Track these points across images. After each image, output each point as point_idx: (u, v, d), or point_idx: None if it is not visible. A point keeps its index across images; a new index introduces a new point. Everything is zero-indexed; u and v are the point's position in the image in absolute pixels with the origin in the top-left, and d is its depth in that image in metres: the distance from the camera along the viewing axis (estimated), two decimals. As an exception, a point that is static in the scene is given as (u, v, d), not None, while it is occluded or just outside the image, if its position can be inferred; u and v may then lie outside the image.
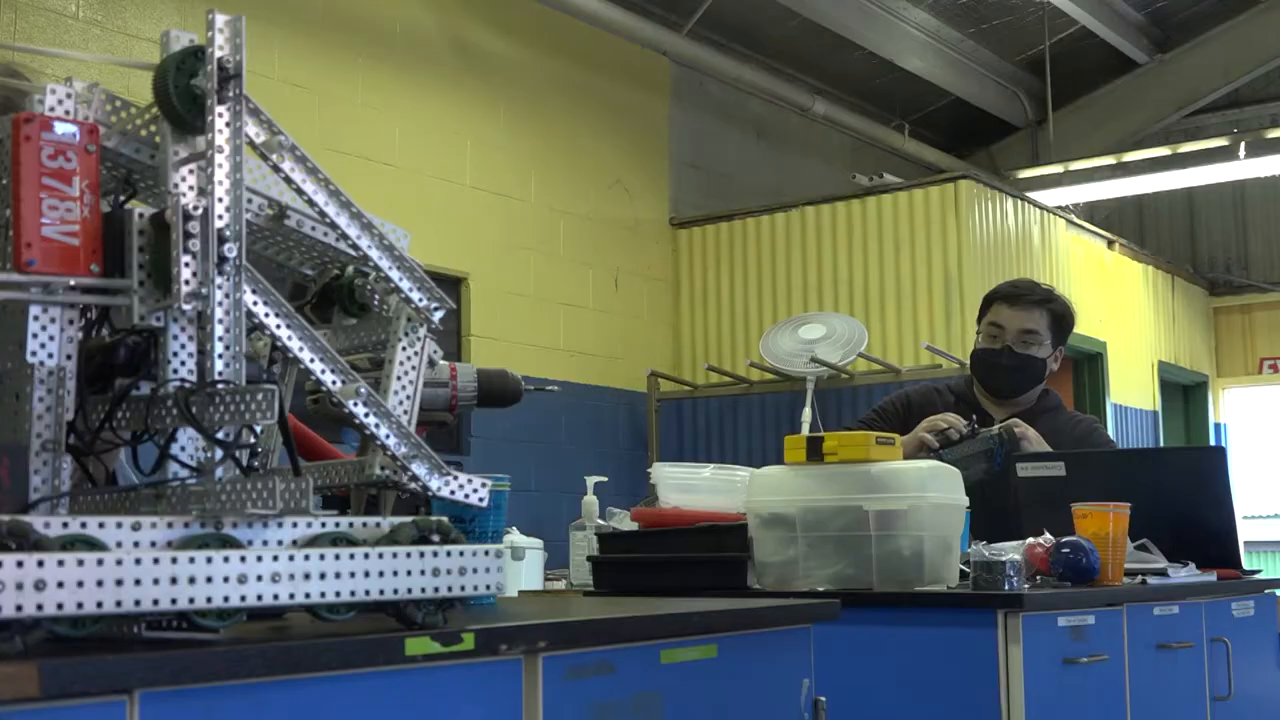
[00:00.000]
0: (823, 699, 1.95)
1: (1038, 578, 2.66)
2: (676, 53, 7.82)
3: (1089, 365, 8.56)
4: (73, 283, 1.25)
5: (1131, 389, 8.90)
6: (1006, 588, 2.42)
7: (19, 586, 1.06)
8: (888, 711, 2.44)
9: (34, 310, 1.25)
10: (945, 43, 9.22)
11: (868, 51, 8.77)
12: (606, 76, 7.58)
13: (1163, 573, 2.89)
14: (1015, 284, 3.71)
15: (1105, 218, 10.29)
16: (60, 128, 1.26)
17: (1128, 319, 8.98)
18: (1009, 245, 7.52)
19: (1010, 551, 2.50)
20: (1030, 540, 2.67)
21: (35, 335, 1.26)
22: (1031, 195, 8.16)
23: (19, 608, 1.06)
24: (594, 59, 7.50)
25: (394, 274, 1.51)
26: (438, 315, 1.56)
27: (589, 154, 7.45)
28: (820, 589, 2.49)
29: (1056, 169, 9.18)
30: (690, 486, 2.89)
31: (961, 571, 2.56)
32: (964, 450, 3.26)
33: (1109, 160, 9.31)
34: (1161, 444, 9.01)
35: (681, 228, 7.95)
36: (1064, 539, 2.66)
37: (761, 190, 8.30)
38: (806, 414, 6.69)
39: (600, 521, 3.31)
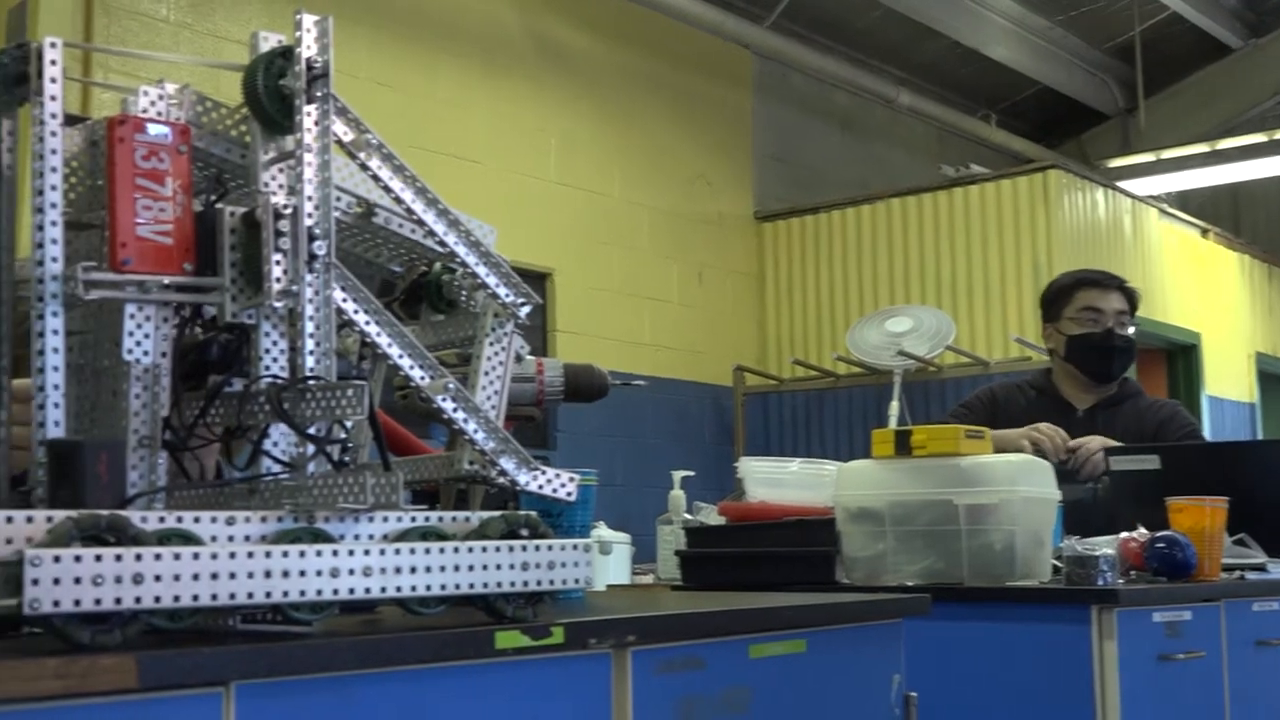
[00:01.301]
0: (914, 695, 1.94)
1: (1132, 573, 2.62)
2: (760, 46, 7.79)
3: (1183, 357, 8.41)
4: (167, 281, 1.27)
5: (1228, 381, 8.73)
6: (1100, 583, 2.38)
7: (118, 580, 1.08)
8: (979, 708, 2.42)
9: (129, 309, 1.27)
10: (1032, 31, 9.10)
11: (953, 41, 8.68)
12: (689, 71, 7.57)
13: (1261, 568, 2.84)
14: (1092, 271, 3.68)
15: (1199, 206, 10.10)
16: (153, 129, 1.28)
17: (1223, 309, 8.80)
18: (1099, 236, 7.40)
19: (1104, 546, 2.46)
20: (1124, 535, 2.63)
21: (131, 334, 1.28)
22: (1122, 184, 8.03)
23: (118, 601, 1.08)
24: (677, 53, 7.48)
25: (481, 270, 1.52)
26: (524, 311, 1.56)
27: (672, 148, 7.44)
28: (909, 584, 2.47)
29: (1148, 157, 9.04)
30: (777, 481, 2.88)
31: (1054, 566, 2.52)
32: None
33: (1202, 148, 9.14)
34: (1260, 437, 8.83)
35: (766, 221, 7.92)
36: (1159, 533, 2.61)
37: (846, 183, 8.25)
38: (894, 407, 6.64)
39: (687, 516, 3.31)
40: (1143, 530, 2.64)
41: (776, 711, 1.71)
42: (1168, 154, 9.06)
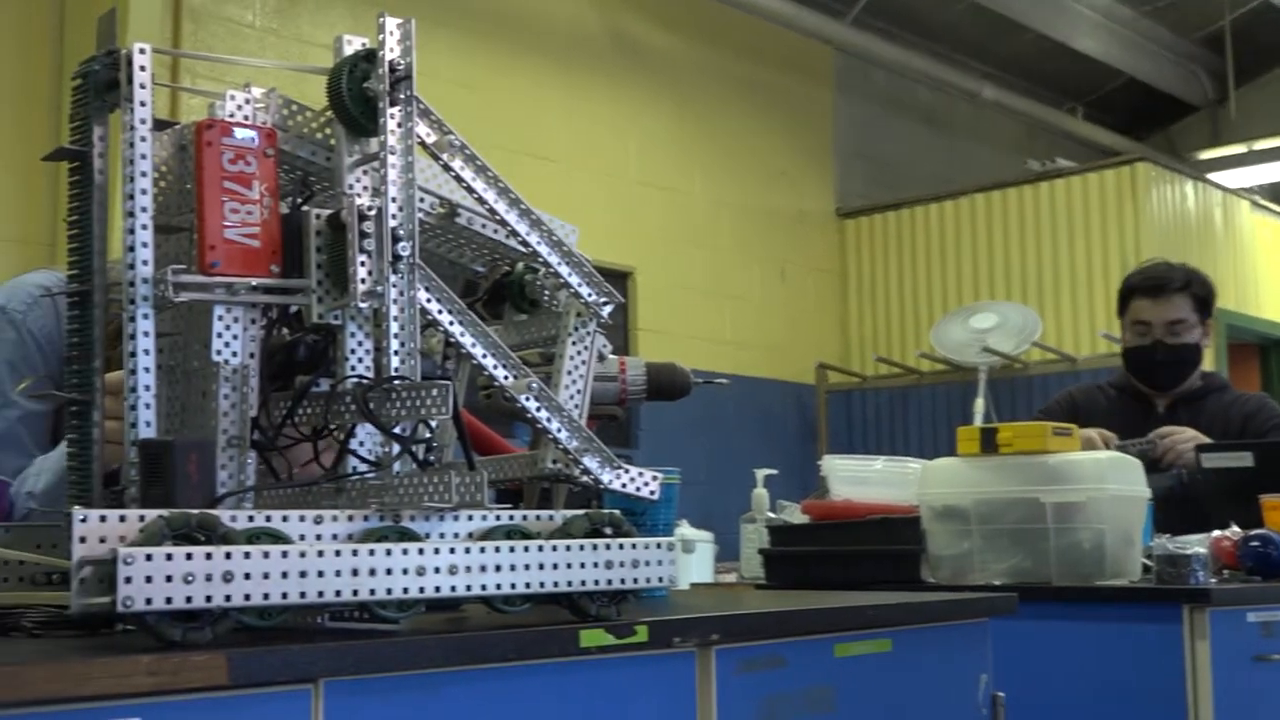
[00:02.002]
0: (1001, 695, 1.91)
1: (1225, 572, 2.57)
2: (841, 41, 7.74)
3: (1276, 351, 8.25)
4: (254, 283, 1.29)
5: (1322, 375, 8.55)
6: (1192, 582, 2.34)
7: (208, 578, 1.10)
8: (1069, 708, 2.39)
9: (218, 311, 1.29)
10: (1119, 22, 8.96)
11: (1038, 33, 8.56)
12: (770, 67, 7.54)
13: (1359, 566, 2.77)
14: (1151, 274, 3.55)
15: (1292, 198, 9.89)
16: (240, 133, 1.30)
17: (1317, 302, 8.62)
18: (1189, 229, 7.28)
19: (1196, 545, 2.42)
20: (1217, 533, 2.59)
21: (219, 335, 1.29)
22: (1213, 177, 7.89)
23: (208, 599, 1.10)
24: (757, 50, 7.46)
25: (563, 270, 1.52)
26: (607, 310, 1.56)
27: (753, 146, 7.42)
28: (996, 583, 2.45)
29: (1239, 149, 8.86)
30: (861, 479, 2.87)
31: (1144, 565, 2.48)
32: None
33: (1295, 139, 8.96)
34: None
35: (848, 218, 7.87)
36: (1253, 531, 2.57)
37: (930, 178, 8.17)
38: (979, 405, 6.58)
39: (770, 514, 3.30)
40: (1236, 528, 2.59)
41: (862, 711, 1.70)
42: (1259, 145, 8.87)
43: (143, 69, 1.26)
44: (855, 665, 1.70)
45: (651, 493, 1.54)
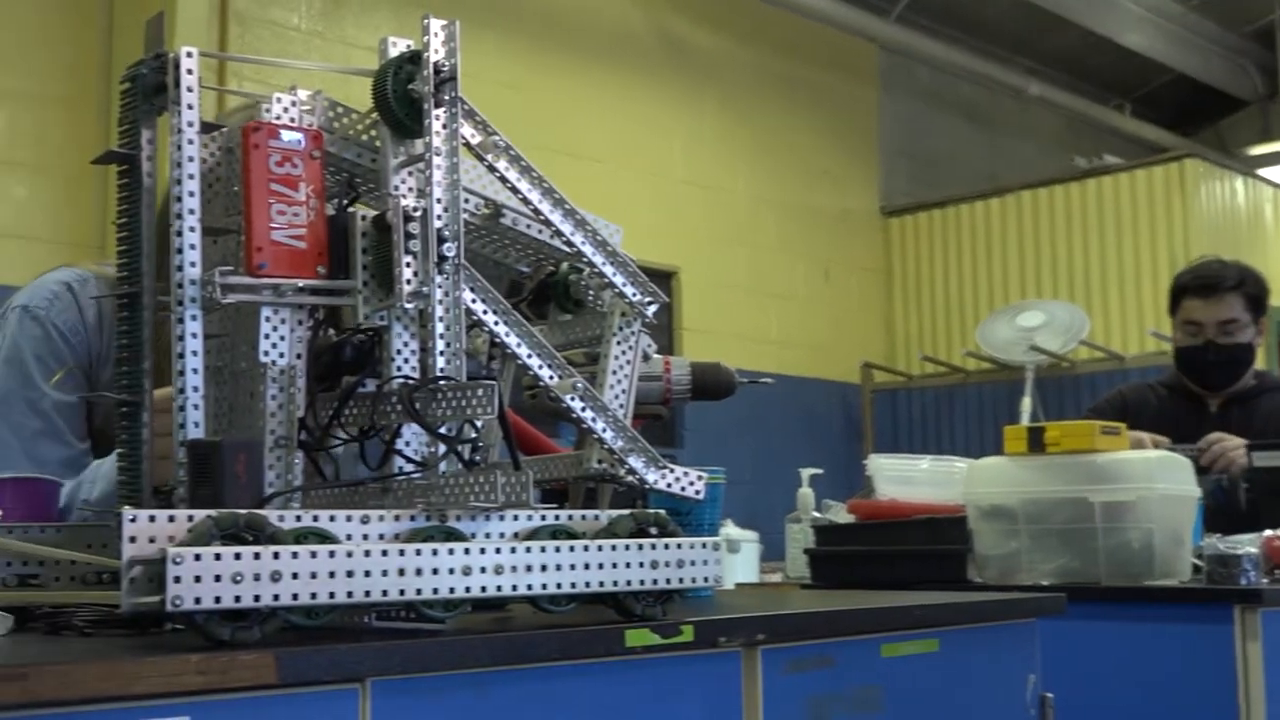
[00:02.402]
0: (1050, 695, 1.90)
1: (1277, 572, 2.54)
2: (885, 39, 7.72)
3: (1328, 349, 8.15)
4: (301, 285, 1.29)
5: (1375, 373, 8.44)
6: (1244, 582, 2.32)
7: (256, 578, 1.10)
8: (1118, 709, 2.37)
9: (265, 312, 1.30)
10: (1166, 17, 8.88)
11: (1084, 29, 8.50)
12: (814, 66, 7.52)
13: None
14: (1203, 273, 3.50)
15: (1344, 194, 9.77)
16: (286, 135, 1.30)
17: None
18: (1238, 225, 7.21)
19: (1247, 544, 2.39)
20: (1269, 533, 2.56)
21: (267, 336, 1.30)
22: (1263, 172, 7.80)
23: (256, 598, 1.10)
24: (801, 49, 7.45)
25: (608, 269, 1.52)
26: (651, 310, 1.56)
27: (797, 144, 7.41)
28: (1044, 583, 2.43)
29: (1290, 144, 8.77)
30: (907, 478, 2.86)
31: (1194, 565, 2.46)
32: None
33: (1347, 133, 8.86)
34: None
35: (892, 216, 7.85)
36: (1305, 531, 2.54)
37: (975, 176, 8.13)
38: (1026, 403, 6.54)
39: (816, 514, 3.29)
40: (1288, 528, 2.57)
41: (909, 711, 1.69)
42: (1311, 140, 8.79)
43: (190, 72, 1.27)
44: (902, 665, 1.69)
45: (697, 492, 1.54)
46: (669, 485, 1.52)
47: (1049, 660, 1.93)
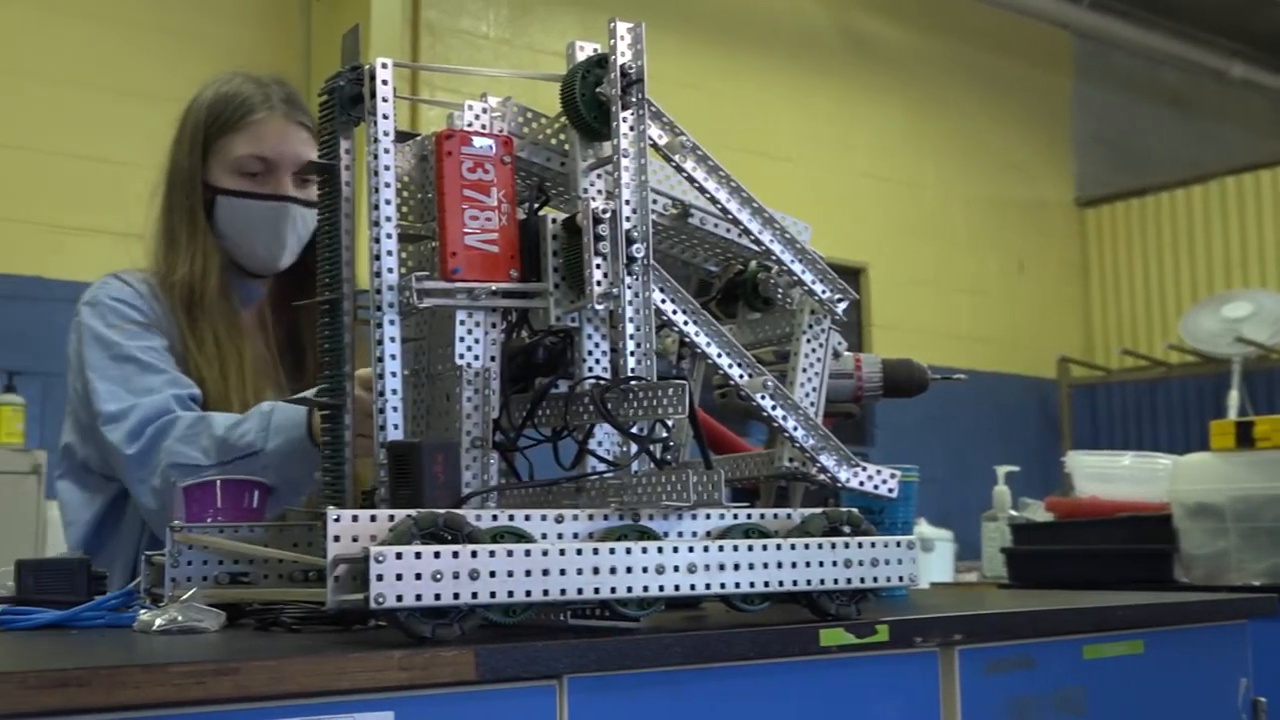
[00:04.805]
0: (1263, 699, 1.83)
1: None
2: (1078, 25, 7.52)
3: None
4: (494, 288, 1.31)
5: None
6: None
7: (455, 576, 1.12)
8: (1337, 715, 2.26)
9: (460, 315, 1.32)
10: (1380, -10, 8.47)
11: (1290, 7, 8.16)
12: (1003, 55, 7.37)
13: None
14: None
15: None
16: (478, 142, 1.33)
17: None
18: None
19: None
20: None
21: (462, 339, 1.33)
22: None
23: (456, 596, 1.12)
24: (990, 39, 7.31)
25: (797, 267, 1.51)
26: (841, 307, 1.55)
27: (986, 136, 7.27)
28: (1255, 583, 2.34)
29: None
30: (1108, 475, 2.79)
31: None
32: None
33: None
34: None
35: (1089, 207, 7.64)
36: None
37: (1176, 162, 7.87)
38: (1233, 397, 6.31)
39: (1013, 512, 3.23)
40: None
41: (1114, 714, 1.65)
42: None
43: (385, 83, 1.30)
44: (1106, 667, 1.64)
45: (890, 490, 1.52)
46: (861, 483, 1.50)
47: (1262, 663, 1.86)
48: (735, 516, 1.34)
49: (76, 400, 2.07)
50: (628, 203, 1.34)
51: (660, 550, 1.24)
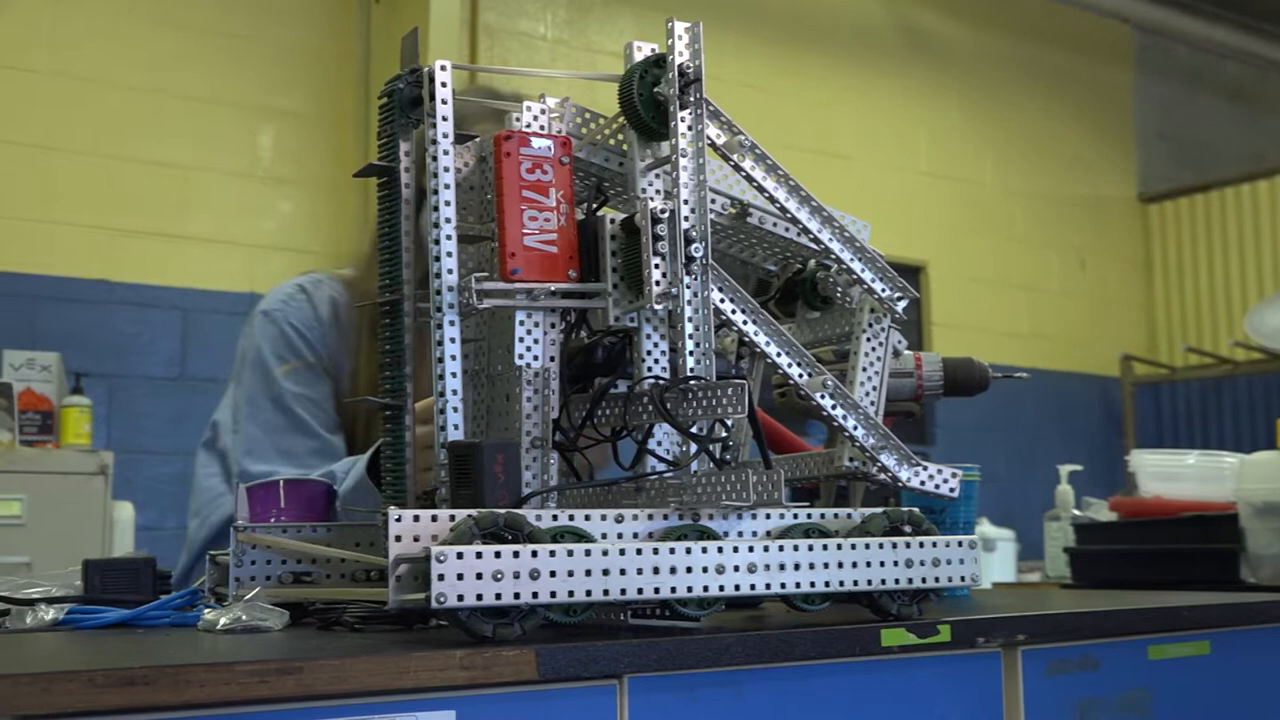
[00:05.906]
0: (1333, 702, 1.80)
1: None
2: (1140, 19, 7.44)
3: None
4: (553, 289, 1.32)
5: None
6: None
7: (516, 576, 1.13)
8: None
9: (519, 316, 1.33)
10: None
11: (1357, -2, 8.03)
12: (1063, 50, 7.31)
13: None
14: None
15: None
16: (537, 142, 1.33)
17: None
18: None
19: None
20: None
21: (521, 339, 1.33)
22: None
23: (516, 595, 1.13)
24: (1049, 34, 7.24)
25: (856, 266, 1.51)
26: (901, 305, 1.54)
27: (1046, 132, 7.21)
28: (1325, 583, 2.31)
29: None
30: (1173, 474, 2.76)
31: None
32: None
33: None
34: None
35: (1151, 203, 7.56)
36: None
37: (1240, 157, 7.76)
38: (1300, 394, 6.22)
39: (1076, 512, 3.20)
40: None
41: (1180, 716, 1.63)
42: None
43: (444, 85, 1.31)
44: (1171, 668, 1.63)
45: (951, 490, 1.51)
46: (922, 483, 1.49)
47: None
48: (795, 516, 1.33)
49: (233, 398, 2.09)
50: (686, 202, 1.34)
51: (720, 550, 1.24)
